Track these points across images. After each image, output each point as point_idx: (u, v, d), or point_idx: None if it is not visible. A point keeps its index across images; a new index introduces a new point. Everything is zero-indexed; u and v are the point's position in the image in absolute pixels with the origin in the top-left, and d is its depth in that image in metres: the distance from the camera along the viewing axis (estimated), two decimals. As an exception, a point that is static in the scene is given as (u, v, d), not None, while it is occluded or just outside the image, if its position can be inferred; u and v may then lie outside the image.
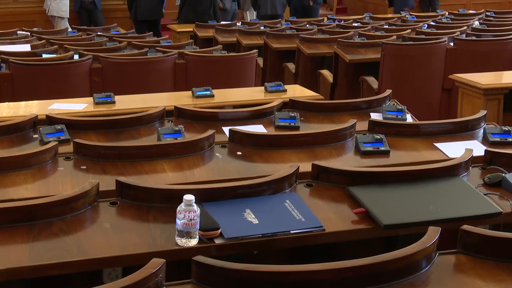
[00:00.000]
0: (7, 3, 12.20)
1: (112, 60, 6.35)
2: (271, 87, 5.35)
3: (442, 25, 9.11)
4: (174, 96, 5.55)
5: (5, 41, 8.01)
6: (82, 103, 4.98)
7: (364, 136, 3.83)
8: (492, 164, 3.37)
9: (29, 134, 4.08)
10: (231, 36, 8.74)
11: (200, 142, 3.71)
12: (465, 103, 5.91)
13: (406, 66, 6.98)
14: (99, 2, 11.93)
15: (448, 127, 4.11)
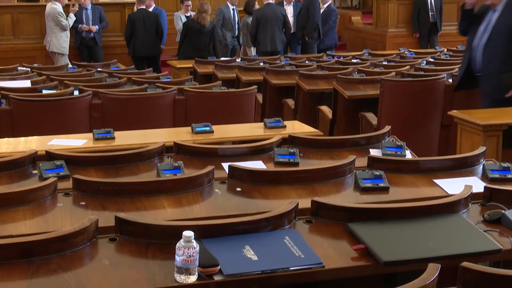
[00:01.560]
0: (8, 39, 12.26)
1: (112, 96, 6.37)
2: (271, 123, 5.35)
3: (441, 61, 9.15)
4: (173, 132, 5.56)
5: (5, 77, 8.04)
6: (81, 139, 4.98)
7: (363, 173, 3.83)
8: (492, 200, 3.36)
9: (28, 170, 4.07)
10: (230, 72, 8.78)
11: (199, 178, 3.71)
12: (464, 140, 5.91)
13: (405, 102, 7.00)
14: (99, 38, 12.00)
15: (447, 163, 4.11)
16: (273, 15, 11.20)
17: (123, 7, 12.91)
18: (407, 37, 13.74)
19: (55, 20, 11.45)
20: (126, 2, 13.20)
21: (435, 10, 13.44)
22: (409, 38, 13.69)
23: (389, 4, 13.94)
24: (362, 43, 14.41)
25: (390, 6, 13.90)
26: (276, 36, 11.19)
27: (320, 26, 11.66)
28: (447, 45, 11.50)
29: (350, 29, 15.42)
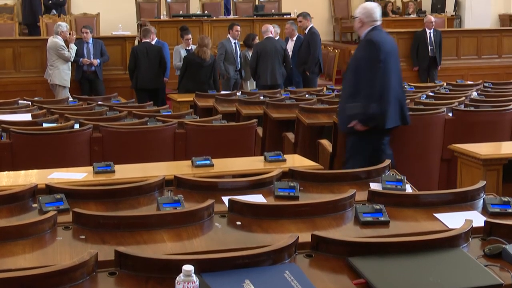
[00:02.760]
0: (9, 72, 12.31)
1: (112, 129, 6.38)
2: (271, 156, 5.35)
3: (441, 95, 9.18)
4: (173, 165, 5.56)
5: (6, 111, 8.06)
6: (81, 172, 4.98)
7: (363, 206, 3.82)
8: (492, 235, 3.36)
9: (28, 203, 4.07)
10: (230, 106, 8.80)
11: (199, 212, 3.70)
12: (464, 174, 5.92)
13: (405, 136, 7.00)
14: (100, 72, 12.05)
15: (447, 197, 4.10)
16: (273, 49, 11.25)
17: (124, 41, 12.97)
18: (406, 71, 13.77)
19: (57, 54, 11.51)
20: (127, 36, 13.28)
21: (434, 44, 13.52)
22: (409, 72, 13.74)
23: (389, 38, 13.98)
24: (362, 77, 14.43)
25: (390, 40, 13.95)
26: (276, 70, 11.23)
27: (321, 61, 11.71)
28: (447, 79, 11.55)
29: (350, 63, 15.47)
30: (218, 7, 16.76)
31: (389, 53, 6.29)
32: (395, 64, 6.44)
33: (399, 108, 6.36)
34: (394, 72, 6.35)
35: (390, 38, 6.59)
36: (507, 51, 14.66)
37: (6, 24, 14.67)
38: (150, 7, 16.56)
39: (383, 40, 6.33)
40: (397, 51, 6.54)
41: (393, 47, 6.47)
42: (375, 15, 6.34)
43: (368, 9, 6.37)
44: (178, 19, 14.61)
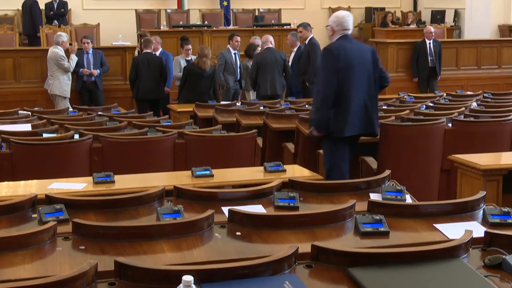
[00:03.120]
0: (9, 83, 12.31)
1: (112, 139, 6.38)
2: (271, 167, 5.35)
3: (441, 106, 9.18)
4: (173, 175, 5.56)
5: (6, 121, 8.07)
6: (81, 183, 4.98)
7: (363, 217, 3.82)
8: (492, 245, 3.35)
9: (28, 213, 4.07)
10: (230, 116, 8.80)
11: (199, 222, 3.70)
12: (464, 184, 5.92)
13: (405, 146, 7.02)
14: (100, 82, 12.06)
15: (447, 208, 4.10)
16: (273, 60, 11.26)
17: (124, 51, 12.99)
18: (406, 81, 13.80)
19: (57, 64, 11.52)
20: (127, 46, 13.30)
21: (434, 55, 13.53)
22: (409, 82, 13.76)
23: (389, 49, 14.03)
24: (361, 87, 14.46)
25: (390, 51, 13.99)
26: (276, 80, 11.24)
27: None
28: (447, 90, 11.55)
29: (350, 73, 15.49)
30: (218, 18, 16.81)
31: (351, 62, 6.35)
32: (361, 73, 6.43)
33: (363, 117, 6.42)
34: (359, 81, 6.38)
35: (360, 48, 6.67)
36: (506, 62, 14.67)
37: (7, 35, 14.69)
38: (150, 18, 16.60)
39: (345, 49, 6.40)
40: (368, 61, 6.52)
41: (362, 57, 6.48)
42: (345, 24, 6.49)
43: (339, 18, 6.52)
44: (178, 30, 14.65)
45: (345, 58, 6.34)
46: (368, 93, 6.47)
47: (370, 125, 6.49)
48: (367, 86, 6.46)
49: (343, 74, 6.31)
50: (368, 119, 6.46)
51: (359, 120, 6.40)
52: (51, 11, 15.65)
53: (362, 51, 6.58)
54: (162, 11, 16.83)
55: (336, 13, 6.68)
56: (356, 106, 6.36)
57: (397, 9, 19.14)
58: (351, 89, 6.34)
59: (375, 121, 6.54)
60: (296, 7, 18.29)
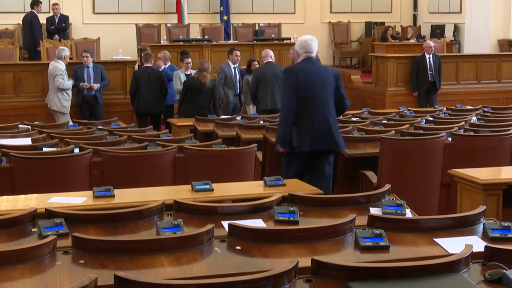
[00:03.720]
0: (9, 97, 12.32)
1: (112, 153, 6.38)
2: (271, 181, 5.35)
3: (440, 120, 9.19)
4: (173, 190, 5.55)
5: (6, 135, 8.07)
6: (81, 197, 4.97)
7: (363, 231, 3.81)
8: (492, 260, 3.35)
9: (27, 228, 4.06)
10: (230, 130, 8.80)
11: (199, 237, 3.69)
12: (464, 198, 5.91)
13: (405, 160, 7.01)
14: (100, 97, 12.07)
15: (447, 222, 4.10)
16: (273, 74, 11.26)
17: (124, 65, 13.00)
18: (406, 95, 13.82)
19: (54, 79, 11.53)
20: (127, 60, 13.32)
21: (434, 69, 13.55)
22: (409, 96, 13.77)
23: (388, 63, 14.04)
24: (361, 101, 14.48)
25: (389, 65, 14.01)
26: (276, 94, 11.25)
27: None
28: (446, 104, 11.56)
29: (350, 87, 15.49)
30: (218, 32, 16.84)
31: (311, 82, 6.69)
32: (321, 92, 6.73)
33: (323, 133, 6.70)
34: (319, 100, 6.70)
35: (321, 70, 6.97)
36: (506, 76, 14.69)
37: (7, 49, 14.71)
38: (150, 32, 16.64)
39: (305, 69, 6.75)
40: (329, 82, 6.78)
41: (322, 78, 6.78)
42: (308, 47, 6.80)
43: (303, 42, 6.86)
44: (178, 44, 14.68)
45: (305, 78, 6.69)
46: (328, 111, 6.76)
47: (330, 141, 6.76)
48: (327, 104, 6.76)
49: (303, 93, 6.65)
50: (328, 135, 6.73)
51: (318, 136, 6.69)
52: (52, 26, 15.68)
53: (324, 73, 6.88)
54: (162, 25, 16.87)
55: (301, 37, 6.98)
56: (316, 123, 6.68)
57: (397, 23, 19.19)
58: (311, 107, 6.68)
59: (335, 137, 6.77)
60: (296, 21, 18.34)
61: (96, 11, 17.06)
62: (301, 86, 6.65)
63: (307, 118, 6.66)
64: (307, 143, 6.65)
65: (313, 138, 6.66)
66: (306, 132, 6.65)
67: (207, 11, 17.86)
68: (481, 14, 16.79)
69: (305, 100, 6.65)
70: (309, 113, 6.67)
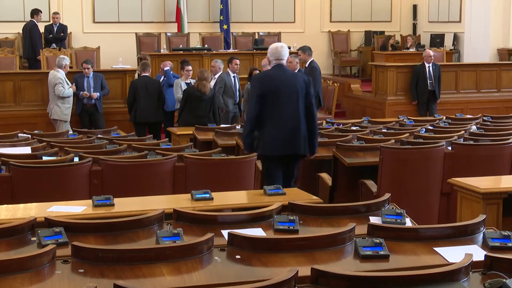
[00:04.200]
0: (9, 106, 12.33)
1: (112, 162, 6.38)
2: (270, 190, 5.35)
3: (440, 129, 9.19)
4: (173, 198, 5.56)
5: (5, 144, 8.07)
6: (81, 206, 4.97)
7: (363, 240, 3.81)
8: (492, 269, 3.34)
9: (27, 236, 4.06)
10: (230, 139, 8.80)
11: (198, 246, 3.69)
12: (464, 207, 5.91)
13: (404, 169, 7.01)
14: (100, 106, 12.08)
15: (447, 231, 4.10)
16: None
17: (124, 74, 13.02)
18: (406, 104, 13.83)
19: (53, 87, 11.55)
20: (127, 69, 13.33)
21: (433, 78, 13.57)
22: (408, 105, 13.78)
23: (388, 72, 14.06)
24: (361, 110, 14.50)
25: (389, 74, 14.03)
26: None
27: (320, 95, 11.74)
28: (446, 113, 11.57)
29: (350, 96, 15.54)
30: (218, 41, 16.86)
31: (275, 89, 6.83)
32: (288, 98, 6.83)
33: (288, 138, 6.82)
34: (284, 105, 6.81)
35: (291, 76, 7.10)
36: (506, 85, 14.71)
37: (7, 58, 14.72)
38: (150, 41, 16.65)
39: (270, 76, 6.98)
40: (298, 88, 6.87)
41: (290, 84, 6.89)
42: (278, 54, 6.93)
43: (273, 49, 6.99)
44: (178, 53, 14.68)
45: (270, 85, 6.85)
46: (294, 116, 6.84)
47: (295, 147, 6.86)
48: (293, 110, 6.84)
49: (268, 99, 6.79)
50: (294, 141, 6.84)
51: (283, 141, 6.82)
52: (50, 34, 15.69)
53: (292, 79, 6.98)
54: (162, 34, 16.88)
55: (272, 45, 7.12)
56: (281, 128, 6.82)
57: (397, 32, 19.21)
58: (276, 112, 6.81)
59: (300, 142, 6.84)
60: (296, 30, 18.35)
61: (96, 20, 17.07)
62: (266, 93, 6.80)
63: (272, 123, 6.81)
64: (272, 147, 6.82)
65: (276, 143, 6.81)
66: (270, 136, 6.81)
67: (207, 20, 17.87)
68: (481, 24, 16.81)
69: (271, 106, 6.80)
70: (274, 119, 6.81)
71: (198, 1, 17.71)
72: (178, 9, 17.08)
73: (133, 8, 17.26)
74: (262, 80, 7.02)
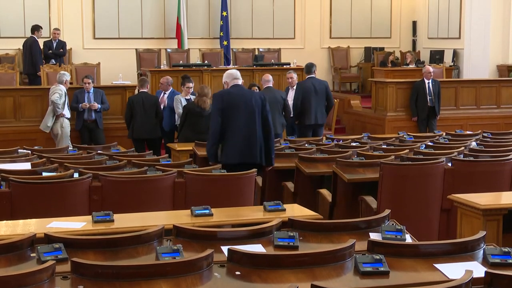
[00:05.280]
0: (9, 121, 12.35)
1: (112, 178, 6.38)
2: (270, 206, 5.34)
3: (440, 145, 9.19)
4: (173, 214, 5.55)
5: (5, 159, 8.07)
6: (80, 222, 4.97)
7: (363, 256, 3.81)
8: (493, 286, 3.34)
9: (26, 253, 4.05)
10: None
11: (198, 262, 3.69)
12: (464, 224, 5.90)
13: (404, 186, 7.01)
14: (100, 121, 12.09)
15: (447, 247, 4.09)
16: (273, 99, 11.29)
17: (124, 90, 13.04)
18: (406, 120, 13.85)
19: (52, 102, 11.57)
20: (127, 85, 13.35)
21: (433, 94, 13.59)
22: (408, 122, 13.80)
23: (388, 88, 14.09)
24: (361, 126, 14.52)
25: (389, 90, 14.05)
26: (276, 120, 11.27)
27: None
28: (446, 129, 11.58)
29: (349, 112, 15.56)
30: (218, 57, 16.89)
31: (235, 104, 7.66)
32: (245, 113, 7.65)
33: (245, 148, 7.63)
34: (242, 120, 7.63)
35: (247, 94, 7.98)
36: (505, 101, 14.73)
37: (7, 74, 14.74)
38: (150, 57, 16.69)
39: (229, 93, 7.78)
40: (255, 104, 7.69)
41: (247, 100, 7.72)
42: (235, 75, 7.88)
43: (229, 72, 7.99)
44: (178, 69, 14.71)
45: (229, 102, 7.67)
46: (251, 129, 7.66)
47: (252, 156, 7.63)
48: (250, 124, 7.66)
49: (228, 114, 7.64)
50: (251, 151, 7.64)
51: (241, 151, 7.63)
52: (50, 50, 15.74)
53: (248, 97, 7.82)
54: (162, 50, 16.92)
55: (228, 71, 8.11)
56: (239, 140, 7.65)
57: (396, 49, 19.26)
58: (235, 126, 7.65)
59: (257, 153, 7.64)
60: (296, 46, 18.40)
61: (97, 36, 17.13)
62: (226, 108, 7.62)
63: (231, 136, 7.63)
64: (231, 157, 7.61)
65: (235, 153, 7.62)
66: (229, 147, 7.63)
67: (207, 36, 17.92)
68: (480, 40, 16.85)
69: (230, 120, 7.61)
70: (233, 132, 7.63)
71: (198, 17, 17.78)
72: (178, 25, 17.14)
73: (133, 24, 17.33)
74: (223, 97, 7.75)
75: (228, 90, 7.83)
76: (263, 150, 7.67)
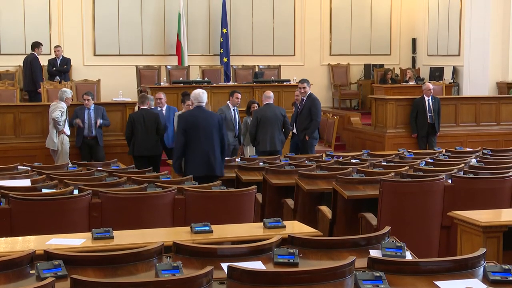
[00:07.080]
0: (9, 138, 12.36)
1: (111, 195, 6.38)
2: (270, 223, 5.34)
3: (440, 162, 9.19)
4: (172, 231, 5.54)
5: (5, 176, 8.07)
6: (80, 238, 4.96)
7: (363, 274, 3.80)
8: (493, 303, 3.33)
9: (26, 269, 4.04)
10: (230, 172, 8.81)
11: (198, 279, 3.68)
12: (465, 241, 5.89)
13: (404, 202, 7.00)
14: (101, 138, 12.09)
15: (447, 265, 4.08)
16: (273, 116, 11.32)
17: (124, 106, 13.06)
18: (405, 137, 13.86)
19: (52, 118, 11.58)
20: (127, 102, 13.37)
21: (433, 111, 13.62)
22: (408, 138, 13.82)
23: (388, 105, 14.11)
24: (361, 143, 14.53)
25: (389, 107, 14.07)
26: (275, 136, 11.29)
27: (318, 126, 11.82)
28: (446, 146, 11.59)
29: (349, 129, 15.57)
30: (218, 74, 16.92)
31: (197, 124, 8.80)
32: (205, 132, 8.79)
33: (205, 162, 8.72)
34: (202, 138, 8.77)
35: (207, 115, 9.05)
36: (505, 119, 14.76)
37: (8, 90, 14.78)
38: (150, 74, 16.72)
39: (192, 114, 8.97)
40: (213, 124, 8.85)
41: (207, 121, 8.86)
42: (200, 98, 9.00)
43: (196, 94, 9.06)
44: (178, 86, 14.73)
45: (192, 122, 8.82)
46: (209, 146, 8.76)
47: (210, 168, 8.71)
48: (209, 142, 8.77)
49: (190, 133, 8.75)
50: (208, 164, 8.72)
51: (202, 164, 8.70)
52: (54, 67, 15.78)
53: (209, 118, 8.95)
54: (163, 67, 16.95)
55: (195, 91, 9.17)
56: (199, 155, 8.74)
57: (396, 66, 19.31)
58: (196, 143, 8.75)
59: (214, 166, 8.73)
60: (295, 63, 18.44)
61: (97, 53, 17.17)
62: (188, 128, 8.77)
63: (193, 152, 8.76)
64: (193, 169, 8.62)
65: (196, 166, 8.70)
66: (192, 161, 8.75)
67: (207, 53, 17.96)
68: (480, 57, 16.89)
69: (192, 138, 8.75)
70: (194, 148, 8.75)
71: (198, 34, 17.82)
72: (179, 42, 17.18)
73: (133, 41, 17.37)
74: (187, 118, 8.96)
75: (192, 112, 9.05)
76: (220, 163, 8.82)
